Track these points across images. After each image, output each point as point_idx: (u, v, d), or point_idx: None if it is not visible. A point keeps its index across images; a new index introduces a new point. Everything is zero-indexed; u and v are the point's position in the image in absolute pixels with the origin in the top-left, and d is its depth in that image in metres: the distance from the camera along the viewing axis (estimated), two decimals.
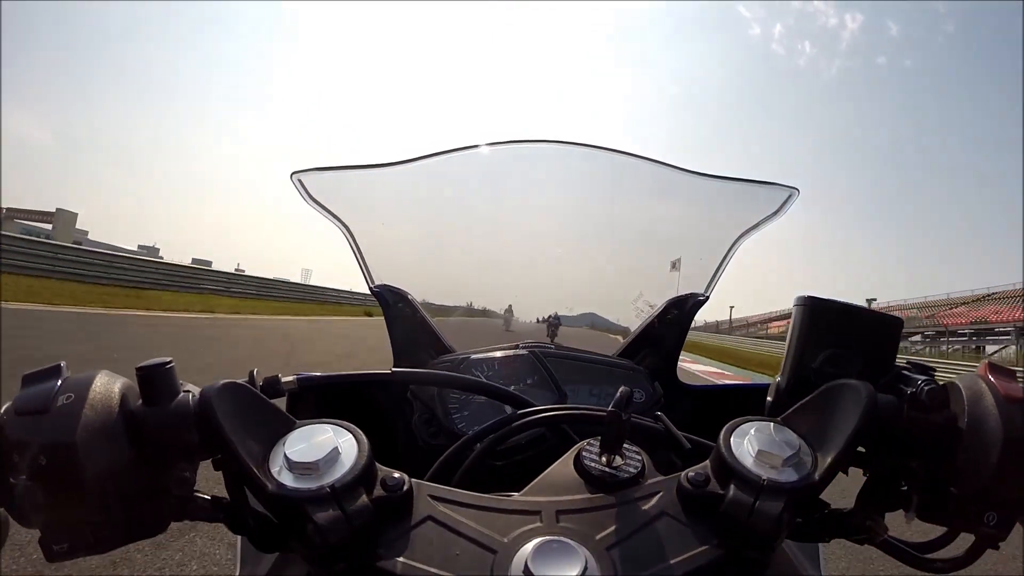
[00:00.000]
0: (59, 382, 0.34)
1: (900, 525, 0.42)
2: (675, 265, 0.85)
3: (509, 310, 0.97)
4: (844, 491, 0.40)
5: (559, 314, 0.98)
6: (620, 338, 0.91)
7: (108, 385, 0.34)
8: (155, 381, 0.35)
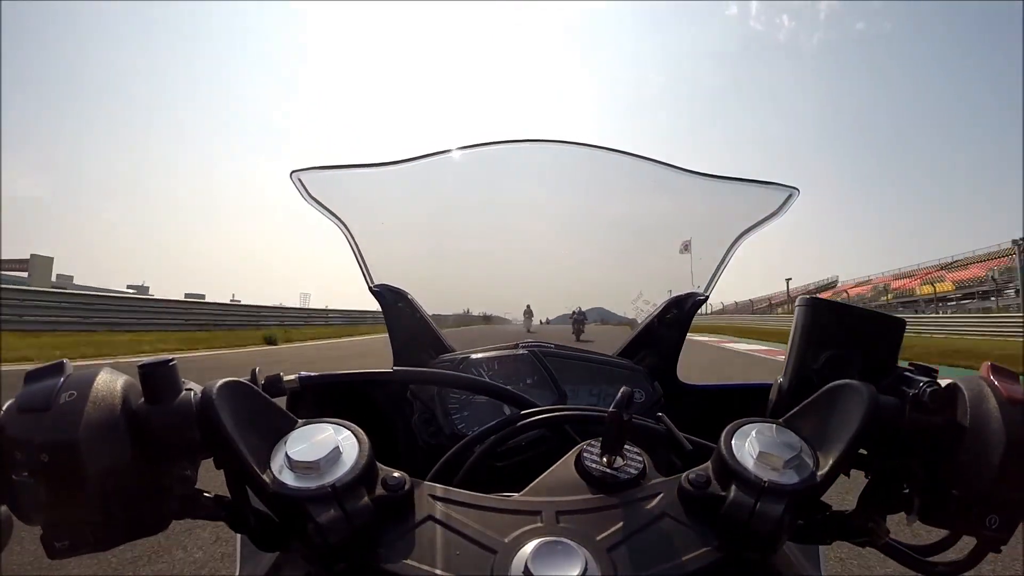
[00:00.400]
0: (61, 380, 0.34)
1: (902, 527, 0.42)
2: (686, 247, 0.84)
3: (528, 311, 0.96)
4: (848, 492, 0.39)
5: (582, 309, 0.98)
6: (630, 328, 0.91)
7: (110, 383, 0.34)
8: (157, 379, 0.35)
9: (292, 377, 0.51)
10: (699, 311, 0.84)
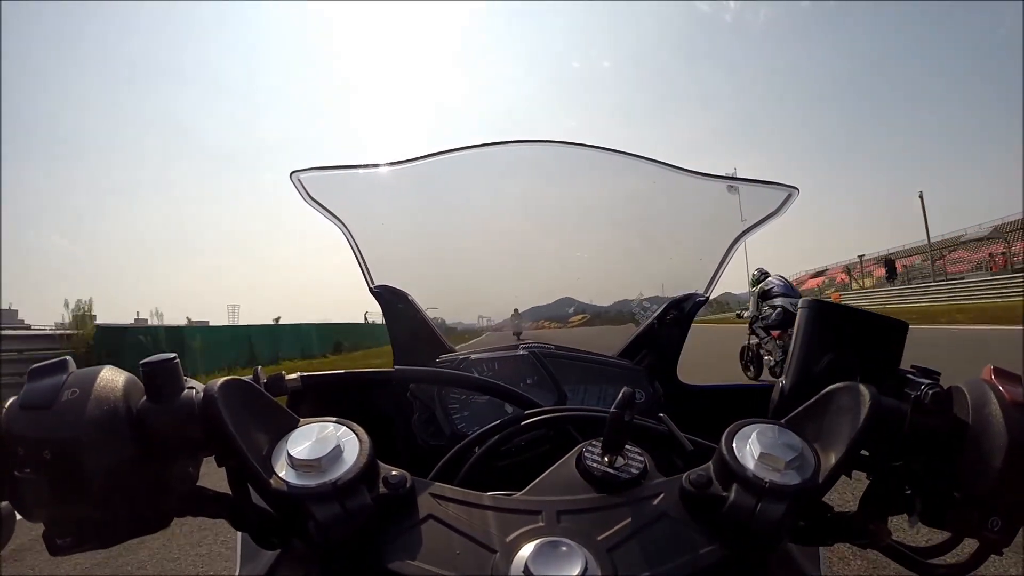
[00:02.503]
0: (64, 377, 0.34)
1: (903, 529, 0.42)
2: (732, 188, 0.80)
3: (516, 315, 0.96)
4: (853, 492, 0.39)
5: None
6: (620, 333, 0.91)
7: (113, 381, 0.35)
8: (160, 377, 0.35)
9: (294, 376, 0.51)
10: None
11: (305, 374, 0.53)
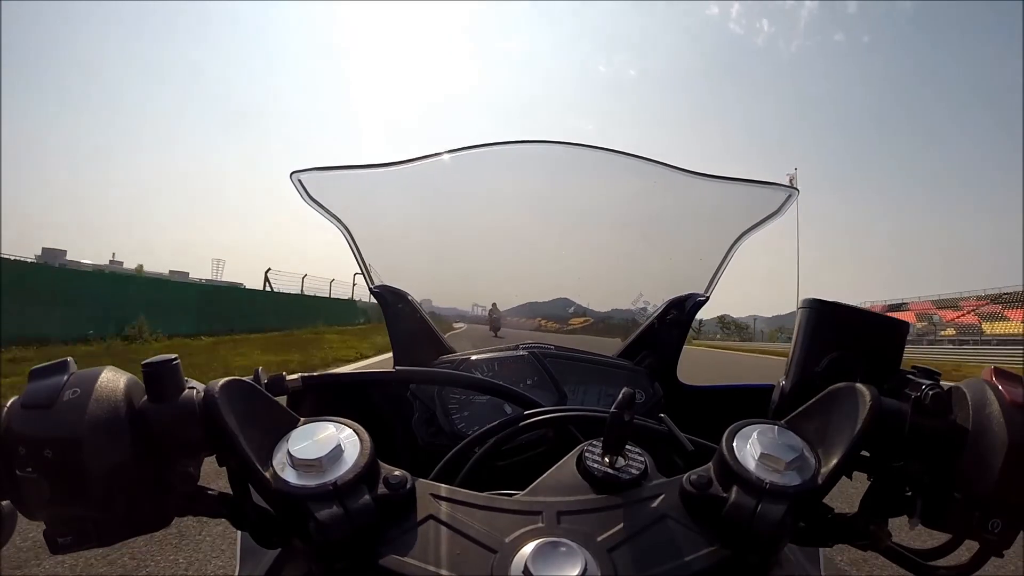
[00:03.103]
0: (66, 377, 0.34)
1: (904, 531, 0.42)
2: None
3: (495, 309, 0.95)
4: (853, 494, 0.39)
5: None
6: (619, 340, 0.91)
7: (114, 381, 0.35)
8: (160, 378, 0.35)
9: (294, 377, 0.51)
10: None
11: (306, 375, 0.53)
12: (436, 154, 0.79)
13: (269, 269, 17.33)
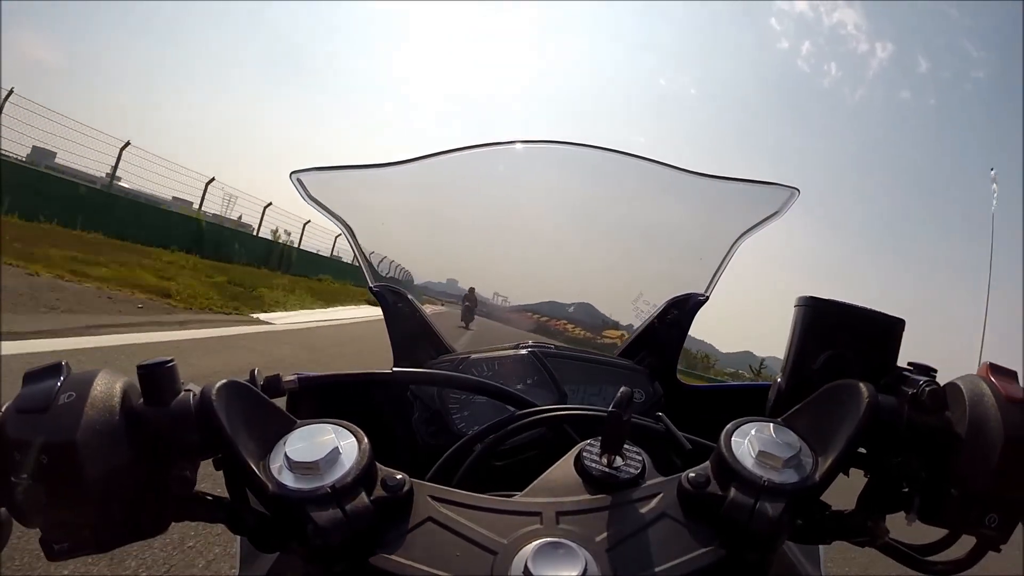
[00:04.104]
0: (60, 380, 0.34)
1: (902, 527, 0.42)
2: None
3: (471, 295, 0.92)
4: (850, 490, 0.39)
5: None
6: (618, 341, 0.91)
7: (109, 384, 0.34)
8: (156, 380, 0.35)
9: (291, 378, 0.51)
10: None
11: (303, 375, 0.53)
12: (437, 153, 0.79)
13: (268, 204, 16.40)
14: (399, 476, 0.34)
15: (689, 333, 0.81)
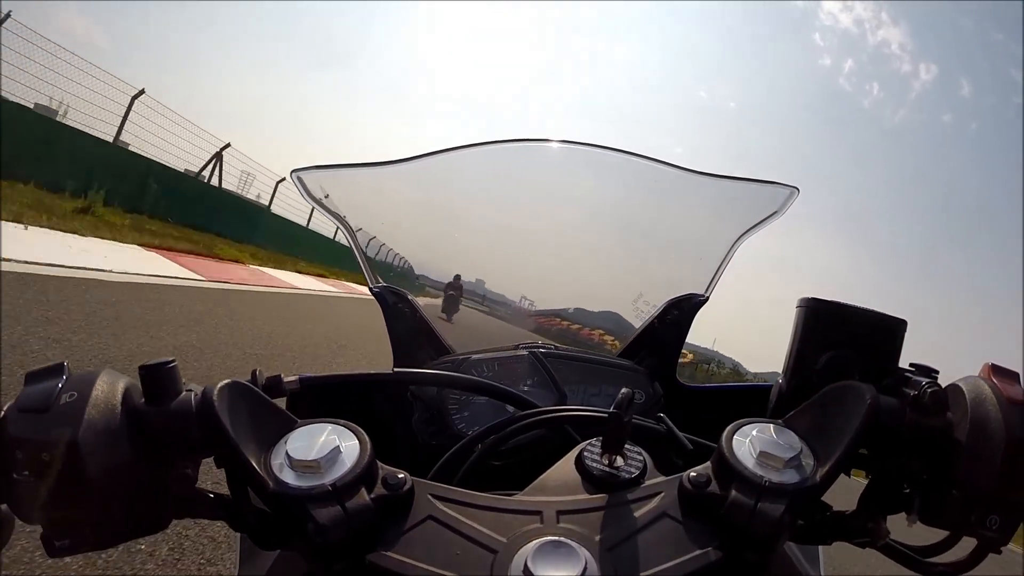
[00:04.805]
0: (62, 380, 0.34)
1: (902, 528, 0.42)
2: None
3: (456, 279, 0.89)
4: (850, 491, 0.39)
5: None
6: (615, 342, 0.91)
7: (111, 383, 0.35)
8: (158, 380, 0.35)
9: (292, 378, 0.51)
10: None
11: (304, 376, 0.53)
12: (438, 152, 0.79)
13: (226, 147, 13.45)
14: (400, 475, 0.34)
15: (718, 350, 0.80)
